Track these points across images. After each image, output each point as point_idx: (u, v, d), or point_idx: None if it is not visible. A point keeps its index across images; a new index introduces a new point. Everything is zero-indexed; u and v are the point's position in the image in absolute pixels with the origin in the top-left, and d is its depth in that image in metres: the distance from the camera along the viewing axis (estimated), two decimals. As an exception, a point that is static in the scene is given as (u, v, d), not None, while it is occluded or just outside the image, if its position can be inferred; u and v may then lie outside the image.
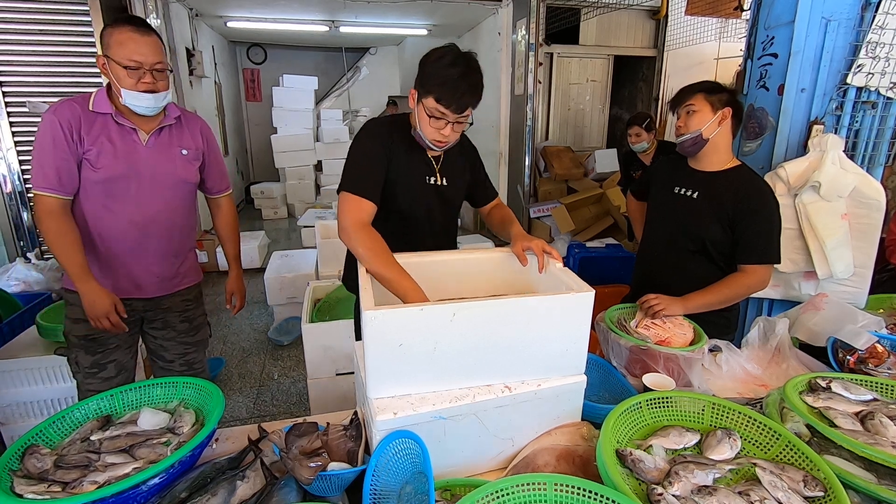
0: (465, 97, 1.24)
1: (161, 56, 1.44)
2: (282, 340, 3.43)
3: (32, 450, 1.03)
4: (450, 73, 1.22)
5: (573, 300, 1.03)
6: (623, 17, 5.36)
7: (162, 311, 1.73)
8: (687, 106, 1.59)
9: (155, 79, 1.43)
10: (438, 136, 1.31)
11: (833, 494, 0.85)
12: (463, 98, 1.24)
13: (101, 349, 1.64)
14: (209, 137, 1.71)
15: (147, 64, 1.41)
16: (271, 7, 5.81)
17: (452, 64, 1.23)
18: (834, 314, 1.56)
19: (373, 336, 0.94)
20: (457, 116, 1.27)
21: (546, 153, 5.31)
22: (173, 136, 1.59)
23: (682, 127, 1.60)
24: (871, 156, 2.13)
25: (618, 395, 1.30)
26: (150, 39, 1.41)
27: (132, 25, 1.39)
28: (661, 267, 1.76)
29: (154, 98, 1.45)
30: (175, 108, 1.61)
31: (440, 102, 1.24)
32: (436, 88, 1.24)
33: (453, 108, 1.25)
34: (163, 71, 1.45)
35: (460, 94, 1.23)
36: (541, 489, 0.84)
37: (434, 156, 1.49)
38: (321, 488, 0.94)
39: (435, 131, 1.30)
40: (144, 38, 1.39)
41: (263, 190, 7.44)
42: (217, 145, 1.74)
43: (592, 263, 3.72)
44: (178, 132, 1.60)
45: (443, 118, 1.27)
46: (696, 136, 1.57)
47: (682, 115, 1.60)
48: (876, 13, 1.90)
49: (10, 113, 3.82)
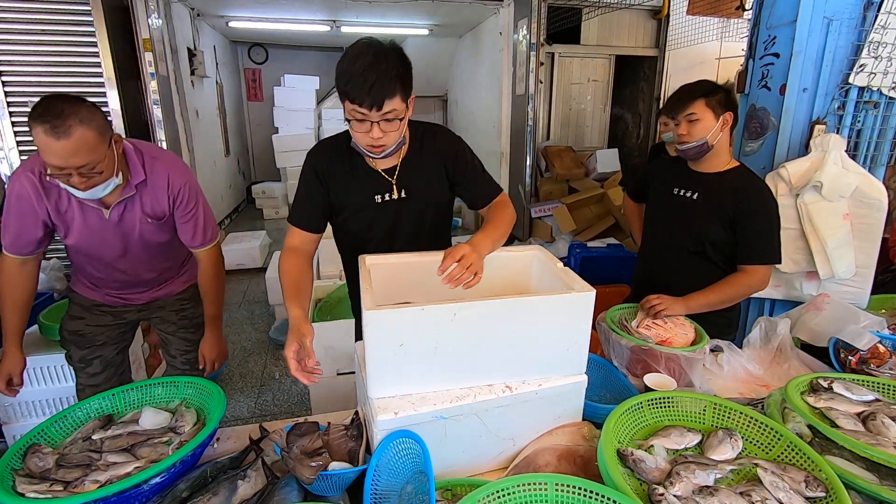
0: (376, 89, 1.08)
1: (85, 156, 1.18)
2: (283, 340, 3.42)
3: (34, 449, 1.03)
4: (355, 67, 1.09)
5: (574, 300, 1.03)
6: (624, 17, 5.35)
7: (157, 310, 1.75)
8: (688, 115, 1.55)
9: (85, 177, 1.22)
10: (369, 141, 1.17)
11: (834, 495, 0.85)
12: (374, 91, 1.08)
13: (87, 345, 1.67)
14: (178, 195, 1.48)
15: (69, 168, 1.19)
16: (273, 7, 5.81)
17: (356, 57, 1.10)
18: (835, 314, 1.55)
19: (373, 336, 0.94)
20: (380, 114, 1.12)
21: (547, 153, 5.31)
22: (136, 204, 1.43)
23: (685, 135, 1.57)
24: (872, 156, 2.12)
25: (619, 395, 1.30)
26: (66, 144, 1.15)
27: (46, 125, 1.13)
28: (661, 267, 1.76)
29: (91, 192, 1.27)
30: (140, 170, 1.40)
31: (354, 102, 1.11)
32: (345, 88, 1.11)
33: (367, 104, 1.10)
34: (94, 166, 1.22)
35: (369, 88, 1.08)
36: (542, 489, 0.84)
37: (387, 168, 1.33)
38: (322, 488, 0.94)
39: (364, 135, 1.17)
40: (60, 142, 1.14)
41: (265, 189, 7.44)
42: (193, 198, 1.50)
43: (593, 263, 3.72)
44: (143, 198, 1.43)
45: (365, 119, 1.13)
46: (702, 144, 1.56)
47: (684, 123, 1.57)
48: (878, 13, 1.89)
49: (13, 112, 3.82)
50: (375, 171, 1.34)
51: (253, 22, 6.45)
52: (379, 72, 1.09)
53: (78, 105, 1.19)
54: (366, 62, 1.09)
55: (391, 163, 1.34)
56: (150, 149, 1.47)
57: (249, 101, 8.91)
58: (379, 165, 1.34)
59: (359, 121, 1.15)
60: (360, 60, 1.09)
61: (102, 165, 1.23)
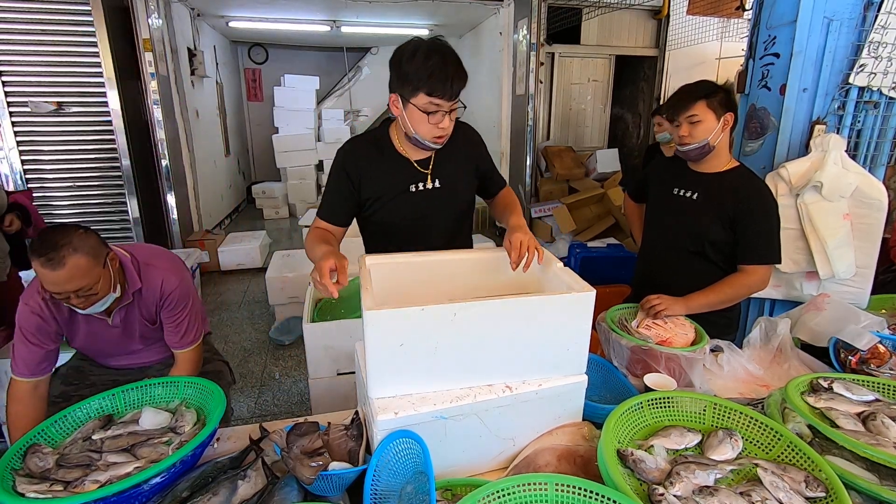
0: (455, 81, 1.22)
1: (79, 281, 1.26)
2: (283, 340, 3.43)
3: (34, 449, 1.03)
4: (432, 63, 1.19)
5: (574, 300, 1.03)
6: (624, 17, 5.35)
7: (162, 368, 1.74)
8: (689, 116, 1.54)
9: (84, 298, 1.31)
10: (437, 132, 1.28)
11: (835, 495, 0.85)
12: (453, 83, 1.22)
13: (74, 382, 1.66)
14: (167, 298, 1.52)
15: (65, 293, 1.28)
16: (273, 7, 5.81)
17: (428, 55, 1.20)
18: (836, 314, 1.56)
19: (374, 336, 0.94)
20: (451, 104, 1.25)
21: (547, 153, 5.31)
22: (135, 309, 1.51)
23: (686, 137, 1.56)
24: (873, 156, 2.12)
25: (619, 395, 1.30)
26: (60, 274, 1.23)
27: (42, 258, 1.22)
28: (661, 267, 1.76)
29: (91, 309, 1.35)
30: (136, 279, 1.46)
31: (433, 95, 1.21)
32: (424, 83, 1.20)
33: (447, 95, 1.22)
34: (90, 288, 1.30)
35: (450, 81, 1.21)
36: (542, 489, 0.84)
37: (421, 159, 1.42)
38: (322, 488, 0.94)
39: (433, 127, 1.27)
40: (55, 273, 1.23)
41: (265, 190, 7.44)
42: (182, 301, 1.54)
43: (593, 263, 3.72)
44: (140, 304, 1.51)
45: (438, 110, 1.24)
46: (703, 146, 1.56)
47: (685, 125, 1.56)
48: (878, 13, 1.89)
49: (13, 112, 3.83)
50: (409, 162, 1.42)
51: (253, 22, 6.45)
52: (454, 65, 1.22)
53: (70, 234, 1.27)
54: (440, 59, 1.20)
55: (425, 154, 1.42)
56: (146, 255, 1.54)
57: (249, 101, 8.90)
58: (412, 157, 1.42)
59: (432, 113, 1.24)
60: (434, 57, 1.19)
61: (97, 287, 1.31)
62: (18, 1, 3.65)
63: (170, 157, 4.58)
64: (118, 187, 4.18)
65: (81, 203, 4.11)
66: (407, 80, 1.22)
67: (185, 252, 4.00)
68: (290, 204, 7.54)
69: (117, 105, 3.97)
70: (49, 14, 3.75)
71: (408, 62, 1.21)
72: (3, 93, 3.77)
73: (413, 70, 1.20)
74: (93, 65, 3.87)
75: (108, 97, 3.95)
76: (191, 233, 5.05)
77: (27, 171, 3.95)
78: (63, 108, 3.93)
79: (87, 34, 3.82)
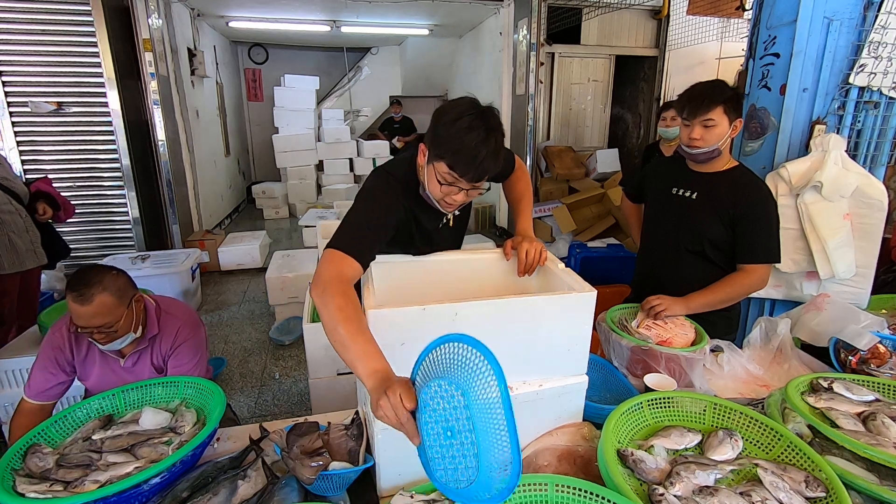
0: (483, 166, 1.08)
1: (104, 318, 1.36)
2: (283, 340, 3.43)
3: (34, 449, 1.03)
4: (468, 139, 1.06)
5: (575, 300, 1.03)
6: (624, 17, 5.35)
7: None
8: (706, 120, 1.52)
9: (105, 334, 1.39)
10: (449, 201, 1.17)
11: (835, 495, 0.85)
12: (480, 168, 1.08)
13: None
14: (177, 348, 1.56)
15: (90, 328, 1.37)
16: (273, 7, 5.81)
17: (470, 128, 1.06)
18: (836, 314, 1.55)
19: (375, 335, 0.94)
20: (472, 185, 1.13)
21: (547, 153, 5.31)
22: (148, 356, 1.55)
23: (698, 140, 1.54)
24: (873, 156, 2.12)
25: (619, 395, 1.30)
26: (87, 309, 1.34)
27: (74, 293, 1.34)
28: (661, 268, 1.75)
29: (111, 345, 1.43)
30: (155, 324, 1.53)
31: (454, 170, 1.09)
32: (449, 155, 1.08)
33: (469, 177, 1.10)
34: (112, 325, 1.38)
35: (478, 164, 1.07)
36: (542, 490, 0.84)
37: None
38: (322, 488, 0.94)
39: (446, 196, 1.16)
40: (83, 308, 1.33)
41: (265, 190, 7.44)
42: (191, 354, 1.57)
43: (594, 263, 3.72)
44: (153, 350, 1.55)
45: (454, 184, 1.12)
46: (713, 150, 1.55)
47: (698, 127, 1.53)
48: (878, 13, 1.89)
49: (13, 112, 3.83)
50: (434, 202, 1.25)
51: (253, 22, 6.45)
52: (489, 149, 1.07)
53: (103, 274, 1.39)
54: (479, 137, 1.06)
55: None
56: (168, 305, 1.61)
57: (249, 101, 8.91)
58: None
59: (448, 184, 1.12)
60: (473, 132, 1.06)
61: (118, 325, 1.39)
62: (18, 1, 3.66)
63: (170, 158, 4.58)
64: (118, 188, 4.18)
65: (82, 203, 4.11)
66: (438, 141, 1.10)
67: (185, 252, 4.00)
68: (290, 204, 7.54)
69: (117, 105, 3.97)
70: (49, 14, 3.75)
71: (446, 125, 1.09)
72: (3, 93, 3.77)
73: (446, 136, 1.08)
74: (93, 65, 3.87)
75: (108, 97, 3.95)
76: (191, 233, 5.05)
77: (27, 171, 3.95)
78: (63, 108, 3.93)
79: (87, 34, 3.82)
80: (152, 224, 4.47)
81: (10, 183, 2.51)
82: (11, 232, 2.44)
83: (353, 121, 8.24)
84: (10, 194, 2.48)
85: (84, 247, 4.25)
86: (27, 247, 2.52)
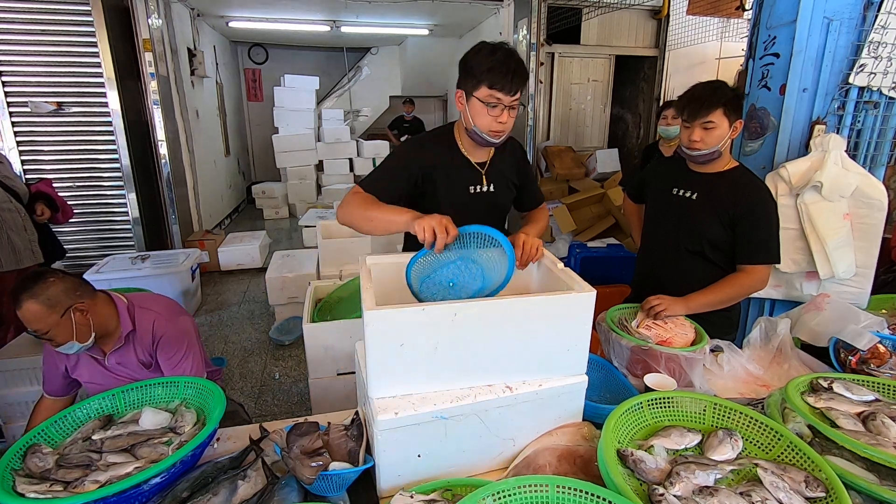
0: (516, 77, 1.27)
1: (34, 325, 1.33)
2: (283, 340, 3.43)
3: (34, 449, 1.03)
4: (495, 58, 1.26)
5: (574, 300, 1.03)
6: (624, 17, 5.35)
7: None
8: (706, 122, 1.51)
9: (51, 338, 1.36)
10: (496, 126, 1.32)
11: (835, 495, 0.85)
12: (514, 78, 1.26)
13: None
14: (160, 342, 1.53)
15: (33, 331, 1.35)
16: (273, 7, 5.81)
17: (493, 51, 1.27)
18: (836, 314, 1.55)
19: (374, 336, 0.94)
20: (510, 99, 1.29)
21: (547, 153, 5.31)
22: (130, 353, 1.53)
23: (698, 142, 1.54)
24: (873, 156, 2.12)
25: (619, 395, 1.30)
26: (21, 314, 1.32)
27: (12, 295, 1.32)
28: (661, 268, 1.75)
29: (64, 348, 1.39)
30: (129, 321, 1.49)
31: (494, 87, 1.26)
32: (486, 76, 1.26)
33: (507, 89, 1.27)
34: (45, 333, 1.34)
35: (511, 75, 1.26)
36: (542, 490, 0.84)
37: (480, 161, 1.48)
38: (322, 488, 0.94)
39: (492, 120, 1.31)
40: (18, 311, 1.31)
41: (265, 190, 7.43)
42: (178, 345, 1.54)
43: (593, 263, 3.71)
44: (135, 347, 1.53)
45: (498, 104, 1.29)
46: (713, 152, 1.55)
47: (698, 130, 1.53)
48: (878, 13, 1.89)
49: (13, 112, 3.83)
50: (470, 162, 1.47)
51: (253, 22, 6.45)
52: (517, 62, 1.28)
53: (37, 280, 1.35)
54: (504, 54, 1.26)
55: (483, 157, 1.48)
56: (142, 300, 1.58)
57: (249, 101, 8.90)
58: (474, 158, 1.47)
59: (492, 105, 1.29)
60: (498, 53, 1.26)
61: (52, 333, 1.35)
62: (18, 1, 3.66)
63: (170, 158, 4.58)
64: (118, 188, 4.18)
65: (81, 203, 4.11)
66: (471, 73, 1.29)
67: (185, 252, 4.00)
68: (290, 204, 7.54)
69: (117, 105, 3.97)
70: (49, 14, 3.75)
71: (473, 57, 1.29)
72: (3, 93, 3.78)
73: (477, 64, 1.27)
74: (93, 65, 3.87)
75: (108, 97, 3.95)
76: (191, 233, 5.05)
77: (27, 171, 3.95)
78: (63, 108, 3.93)
79: (87, 34, 3.82)
80: (152, 224, 4.47)
81: (10, 181, 2.51)
82: (10, 230, 2.45)
83: (353, 121, 8.23)
84: (10, 193, 2.49)
85: (84, 247, 4.25)
86: (25, 245, 2.52)
